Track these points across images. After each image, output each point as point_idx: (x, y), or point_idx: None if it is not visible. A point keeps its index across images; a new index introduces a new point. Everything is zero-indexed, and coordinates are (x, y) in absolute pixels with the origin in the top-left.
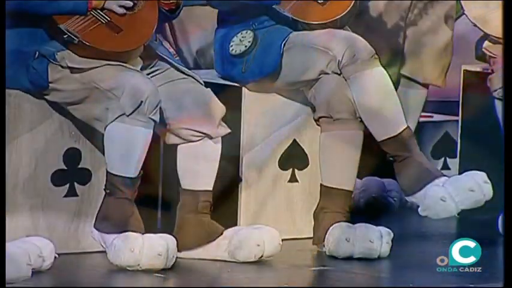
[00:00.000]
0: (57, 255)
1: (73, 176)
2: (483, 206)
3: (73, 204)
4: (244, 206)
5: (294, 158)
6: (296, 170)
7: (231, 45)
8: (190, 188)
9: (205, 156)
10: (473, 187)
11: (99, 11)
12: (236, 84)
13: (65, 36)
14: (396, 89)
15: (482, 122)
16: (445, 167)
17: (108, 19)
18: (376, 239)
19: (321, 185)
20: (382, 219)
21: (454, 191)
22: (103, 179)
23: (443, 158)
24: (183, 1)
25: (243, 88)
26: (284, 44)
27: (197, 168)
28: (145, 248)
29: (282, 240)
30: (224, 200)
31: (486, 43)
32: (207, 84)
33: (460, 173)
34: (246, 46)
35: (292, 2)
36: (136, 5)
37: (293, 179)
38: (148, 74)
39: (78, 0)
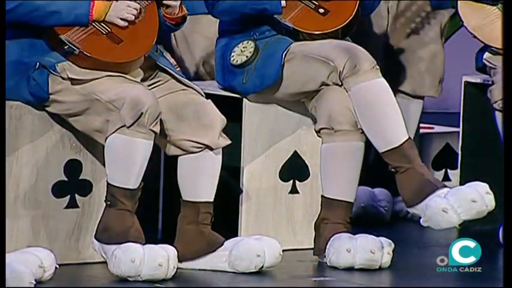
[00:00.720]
0: (57, 266)
1: (74, 187)
2: (485, 217)
3: (74, 216)
4: (245, 217)
5: (294, 170)
6: (297, 182)
7: (232, 56)
8: (191, 200)
9: (206, 168)
10: (475, 198)
11: (100, 22)
12: (237, 95)
13: (65, 47)
14: None
15: (483, 133)
16: (446, 178)
17: (109, 30)
18: (377, 249)
19: (322, 196)
20: (383, 229)
21: (456, 202)
22: (104, 190)
23: (444, 170)
24: (187, 14)
25: (244, 99)
26: (285, 55)
27: (198, 180)
28: (146, 258)
29: (283, 251)
30: (225, 211)
31: (487, 54)
32: (207, 96)
33: (461, 184)
34: (247, 56)
35: (293, 12)
36: (137, 16)
37: (294, 190)
38: (149, 86)
39: (80, 12)
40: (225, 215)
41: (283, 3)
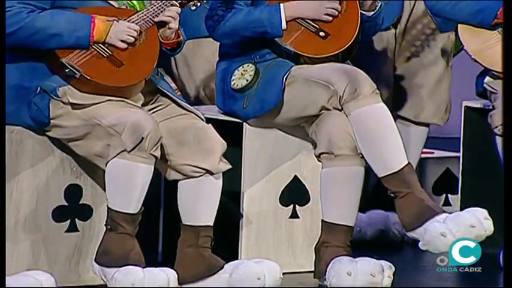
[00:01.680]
0: None
1: (74, 212)
2: (484, 241)
3: (74, 239)
4: (245, 242)
5: (295, 194)
6: (297, 206)
7: (233, 79)
8: (191, 224)
9: (206, 192)
10: (474, 223)
11: (100, 44)
12: (237, 120)
13: (66, 71)
14: None
15: (483, 158)
16: (447, 203)
17: (110, 53)
18: (378, 272)
19: (322, 220)
20: (383, 252)
21: (455, 227)
22: (104, 215)
23: (444, 194)
24: (184, 39)
25: (244, 124)
26: (286, 78)
27: (198, 204)
28: (146, 281)
29: (284, 273)
30: (225, 235)
31: (487, 78)
32: (208, 120)
33: (461, 209)
34: (247, 80)
35: (294, 36)
36: (138, 39)
37: (294, 215)
38: (149, 110)
39: (81, 34)
40: (225, 239)
41: (283, 26)
